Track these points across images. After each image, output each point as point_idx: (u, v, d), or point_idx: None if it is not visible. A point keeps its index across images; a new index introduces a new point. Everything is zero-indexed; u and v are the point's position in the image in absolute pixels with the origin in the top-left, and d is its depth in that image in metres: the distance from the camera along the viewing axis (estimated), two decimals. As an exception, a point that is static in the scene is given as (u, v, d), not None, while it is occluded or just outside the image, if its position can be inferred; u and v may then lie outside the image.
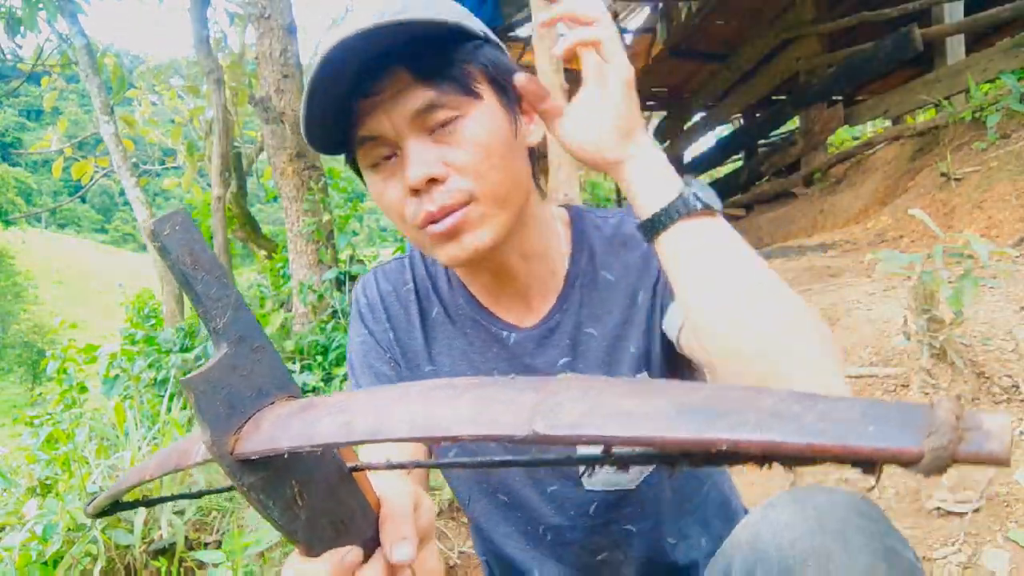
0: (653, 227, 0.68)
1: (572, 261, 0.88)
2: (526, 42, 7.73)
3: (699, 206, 0.66)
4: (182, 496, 0.54)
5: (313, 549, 0.47)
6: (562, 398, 0.30)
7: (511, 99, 0.76)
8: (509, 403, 0.32)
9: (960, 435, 0.25)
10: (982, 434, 0.25)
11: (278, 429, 0.42)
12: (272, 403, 0.45)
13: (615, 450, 0.31)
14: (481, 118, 0.73)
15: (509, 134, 0.75)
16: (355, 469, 0.49)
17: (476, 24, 0.75)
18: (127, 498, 0.56)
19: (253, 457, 0.42)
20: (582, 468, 0.87)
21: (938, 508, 1.54)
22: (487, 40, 0.76)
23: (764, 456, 0.27)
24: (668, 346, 0.84)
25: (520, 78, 0.73)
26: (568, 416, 0.29)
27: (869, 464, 0.26)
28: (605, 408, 0.29)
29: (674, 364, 0.85)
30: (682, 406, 0.28)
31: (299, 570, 0.47)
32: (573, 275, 0.87)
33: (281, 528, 0.46)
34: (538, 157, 0.86)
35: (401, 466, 0.44)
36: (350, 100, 0.72)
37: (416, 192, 0.72)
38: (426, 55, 0.70)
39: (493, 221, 0.74)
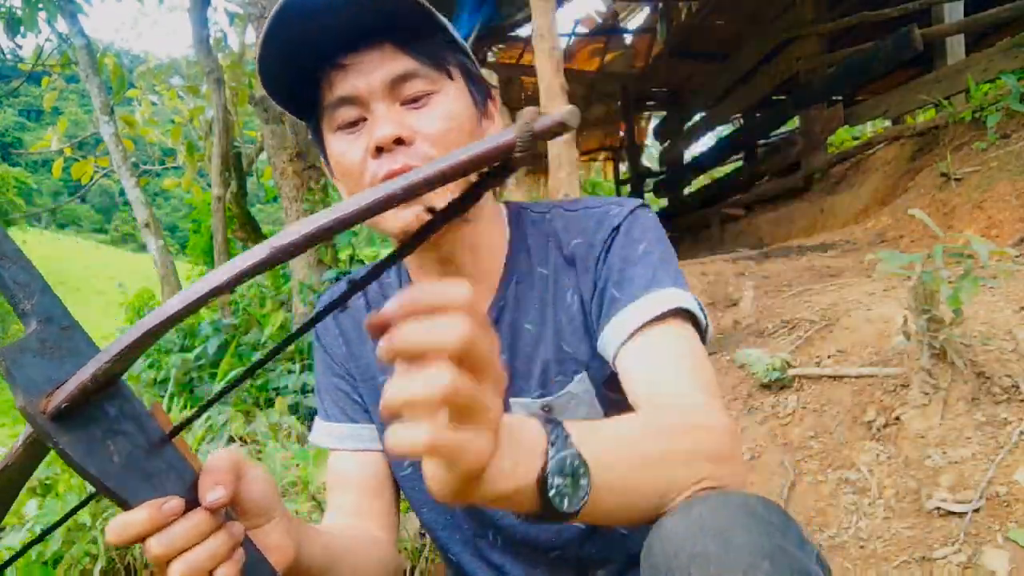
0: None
1: (509, 256, 0.89)
2: (526, 42, 7.72)
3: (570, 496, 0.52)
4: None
5: (130, 506, 0.51)
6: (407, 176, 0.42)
7: (479, 93, 0.83)
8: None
9: (535, 118, 0.39)
10: (550, 115, 0.39)
11: (78, 377, 0.47)
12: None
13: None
14: (452, 96, 0.78)
15: (474, 121, 0.81)
16: (172, 433, 0.54)
17: (455, 32, 0.82)
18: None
19: (63, 406, 0.46)
20: None
21: (938, 508, 1.54)
22: (465, 52, 0.83)
23: (432, 184, 0.41)
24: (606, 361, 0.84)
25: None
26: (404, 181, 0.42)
27: (492, 162, 0.40)
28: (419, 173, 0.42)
29: (614, 379, 0.81)
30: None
31: (118, 520, 0.50)
32: (510, 270, 0.89)
33: (98, 485, 0.49)
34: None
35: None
36: (324, 61, 0.76)
37: (379, 152, 0.75)
38: (410, 29, 0.75)
39: (452, 195, 0.77)
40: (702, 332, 0.82)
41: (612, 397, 0.86)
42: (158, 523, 0.51)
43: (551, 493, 0.51)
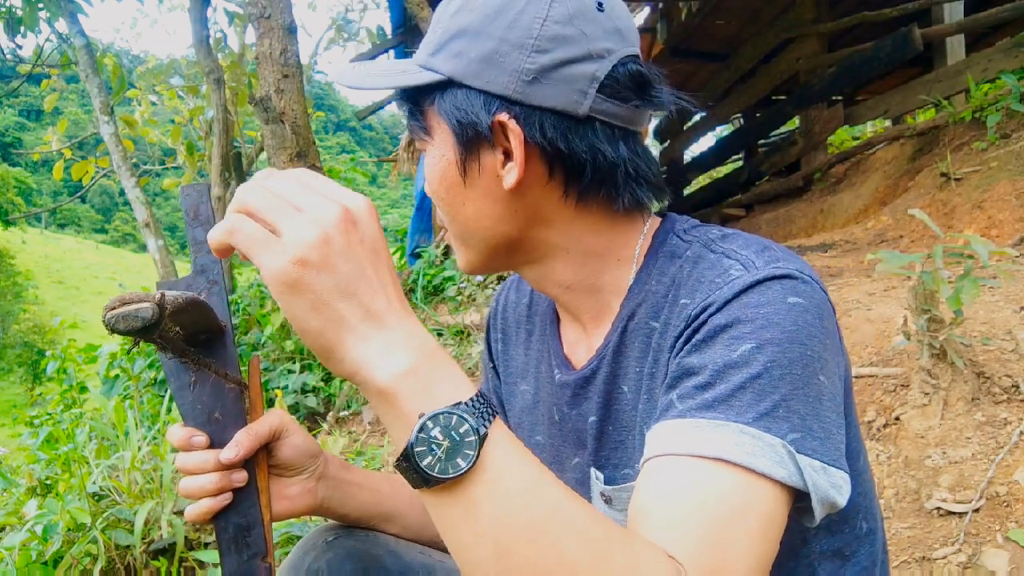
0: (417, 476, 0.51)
1: (630, 294, 0.73)
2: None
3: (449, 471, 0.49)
4: None
5: (186, 424, 0.70)
6: None
7: (465, 143, 0.68)
8: None
9: (112, 306, 0.49)
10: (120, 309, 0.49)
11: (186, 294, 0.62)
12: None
13: None
14: (431, 157, 0.72)
15: (455, 180, 0.70)
16: (245, 385, 0.73)
17: (459, 54, 0.67)
18: None
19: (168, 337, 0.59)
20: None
21: (938, 508, 1.54)
22: (452, 82, 0.68)
23: None
24: None
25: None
26: None
27: None
28: None
29: None
30: None
31: (172, 428, 0.71)
32: (624, 314, 0.73)
33: (174, 398, 0.69)
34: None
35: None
36: None
37: None
38: (404, 94, 0.73)
39: (460, 254, 0.76)
40: (805, 498, 0.57)
41: None
42: (184, 446, 0.70)
43: (416, 441, 0.49)
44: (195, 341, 0.67)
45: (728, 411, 0.57)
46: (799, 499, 0.58)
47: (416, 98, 0.72)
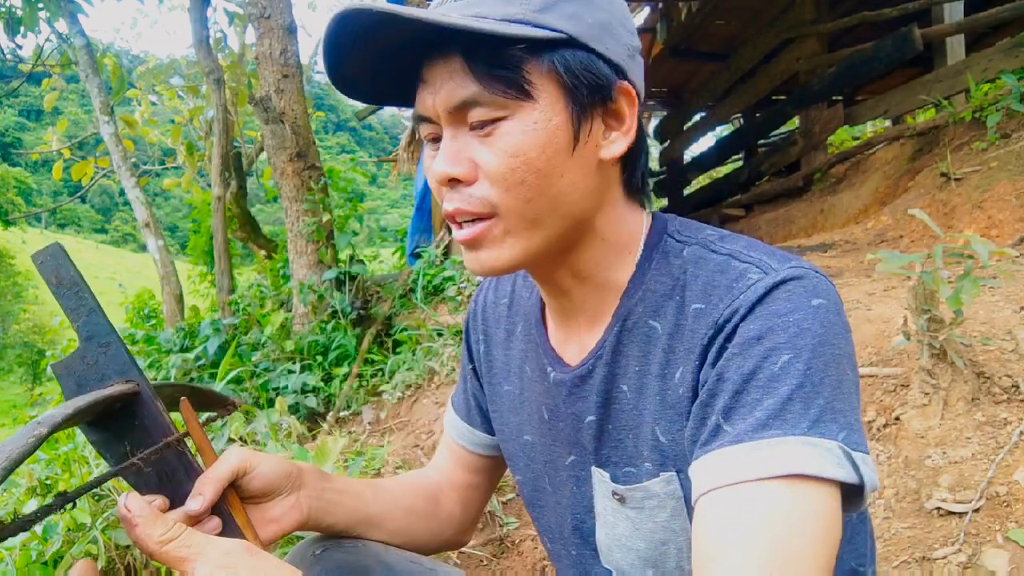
0: None
1: (626, 294, 0.72)
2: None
3: None
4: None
5: (140, 492, 0.66)
6: None
7: (583, 106, 0.64)
8: None
9: None
10: None
11: (99, 392, 0.62)
12: (112, 383, 0.64)
13: None
14: (528, 123, 0.62)
15: (562, 146, 0.64)
16: (182, 437, 0.68)
17: (568, 17, 0.63)
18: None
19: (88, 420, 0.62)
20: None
21: (938, 508, 1.54)
22: (573, 42, 0.63)
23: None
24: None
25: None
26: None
27: None
28: None
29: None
30: None
31: (121, 504, 0.62)
32: (621, 313, 0.72)
33: (118, 474, 0.64)
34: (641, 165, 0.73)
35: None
36: (411, 68, 0.67)
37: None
38: (486, 42, 0.61)
39: (516, 243, 0.66)
40: (853, 488, 0.58)
41: None
42: (145, 515, 0.61)
43: None
44: (111, 414, 0.64)
45: (784, 425, 0.57)
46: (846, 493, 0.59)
47: (513, 56, 0.62)
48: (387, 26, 0.60)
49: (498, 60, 0.61)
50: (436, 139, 0.68)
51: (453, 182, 0.65)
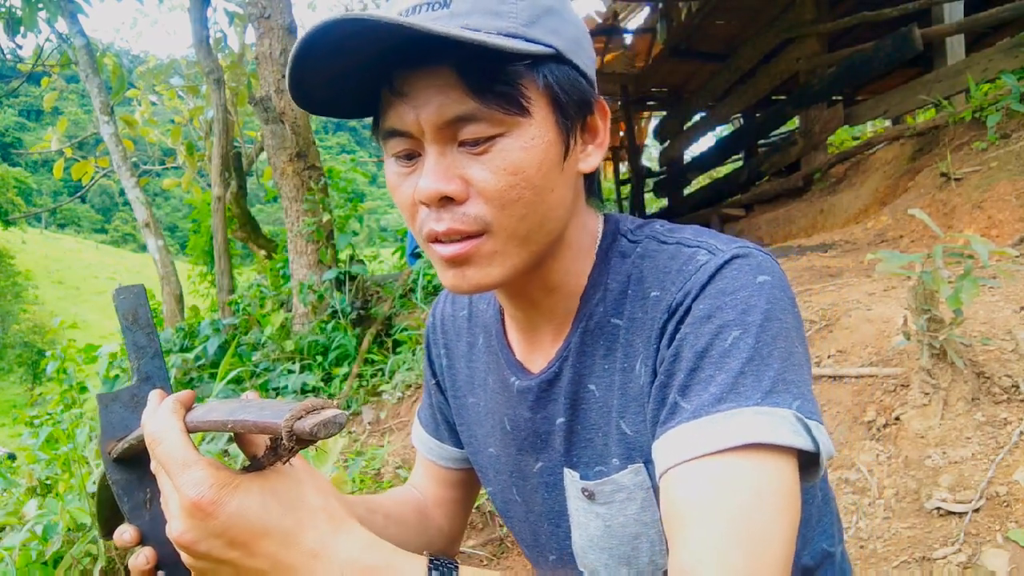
0: None
1: (585, 296, 0.73)
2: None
3: None
4: None
5: (147, 540, 0.64)
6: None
7: (570, 120, 0.65)
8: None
9: (305, 414, 0.45)
10: (318, 416, 0.45)
11: (133, 436, 0.60)
12: None
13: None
14: (524, 139, 0.62)
15: (554, 160, 0.64)
16: None
17: (552, 32, 0.63)
18: None
19: (117, 456, 0.62)
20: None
21: (938, 508, 1.54)
22: (560, 57, 0.64)
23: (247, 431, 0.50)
24: None
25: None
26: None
27: (269, 432, 0.47)
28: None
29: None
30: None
31: (120, 539, 0.62)
32: (583, 314, 0.73)
33: (127, 517, 0.63)
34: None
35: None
36: (380, 79, 0.64)
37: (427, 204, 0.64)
38: (480, 57, 0.59)
39: (506, 260, 0.65)
40: (810, 455, 0.60)
41: None
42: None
43: None
44: (139, 458, 0.63)
45: (738, 398, 0.58)
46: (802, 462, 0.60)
47: (513, 72, 0.60)
48: (374, 34, 0.57)
49: (497, 76, 0.60)
50: (409, 156, 0.65)
51: (444, 200, 0.63)
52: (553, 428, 0.76)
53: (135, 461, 0.62)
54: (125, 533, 0.62)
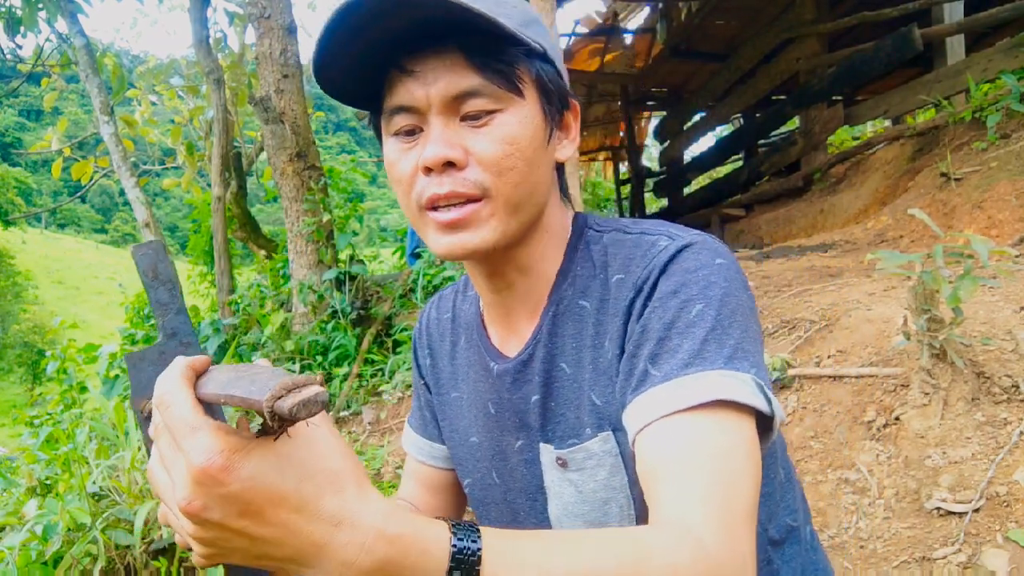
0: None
1: (556, 282, 0.81)
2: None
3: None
4: None
5: None
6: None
7: (553, 110, 0.76)
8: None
9: (284, 393, 0.42)
10: (296, 396, 0.42)
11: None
12: None
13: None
14: (519, 116, 0.71)
15: (541, 140, 0.74)
16: None
17: (539, 37, 0.74)
18: None
19: (148, 414, 0.60)
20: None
21: (938, 508, 1.54)
22: (544, 56, 0.74)
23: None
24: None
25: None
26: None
27: (255, 408, 0.43)
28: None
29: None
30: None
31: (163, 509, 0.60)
32: (554, 299, 0.81)
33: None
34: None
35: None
36: (387, 62, 0.71)
37: (429, 171, 0.70)
38: (483, 41, 0.68)
39: (499, 225, 0.72)
40: (766, 418, 0.66)
41: None
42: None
43: None
44: None
45: (703, 362, 0.65)
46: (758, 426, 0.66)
47: (512, 55, 0.71)
48: (405, 10, 0.64)
49: (499, 56, 0.70)
50: (411, 132, 0.73)
51: (447, 165, 0.70)
52: (529, 406, 0.82)
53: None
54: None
